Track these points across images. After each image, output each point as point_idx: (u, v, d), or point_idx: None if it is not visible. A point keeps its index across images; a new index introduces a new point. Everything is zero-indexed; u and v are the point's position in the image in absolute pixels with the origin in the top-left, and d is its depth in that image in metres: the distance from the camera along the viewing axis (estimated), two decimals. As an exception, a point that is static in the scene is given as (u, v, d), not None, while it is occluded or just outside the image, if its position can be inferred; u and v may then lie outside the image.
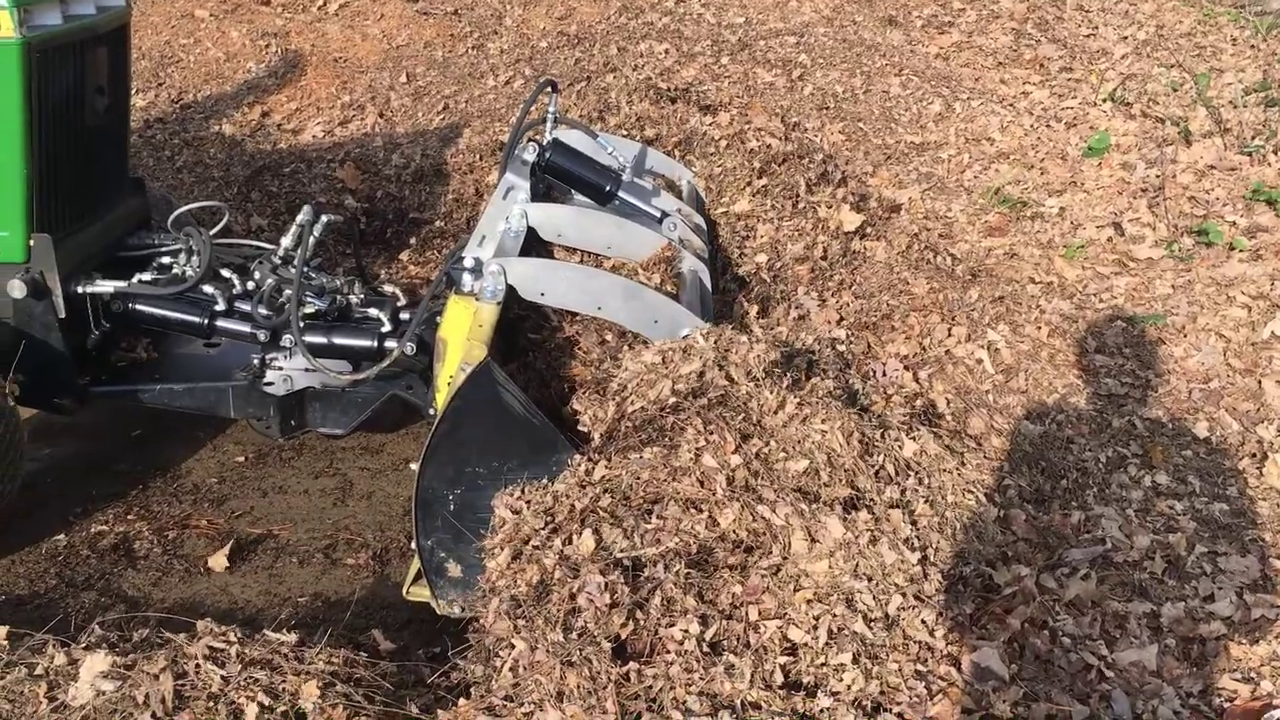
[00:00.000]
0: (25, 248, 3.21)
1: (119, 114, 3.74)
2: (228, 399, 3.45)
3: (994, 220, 4.69)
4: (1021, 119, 5.63)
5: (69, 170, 3.37)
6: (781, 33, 6.44)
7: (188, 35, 7.46)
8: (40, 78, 3.11)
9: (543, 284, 3.17)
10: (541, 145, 3.67)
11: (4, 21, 2.99)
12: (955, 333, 3.81)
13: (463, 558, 2.86)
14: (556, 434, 2.87)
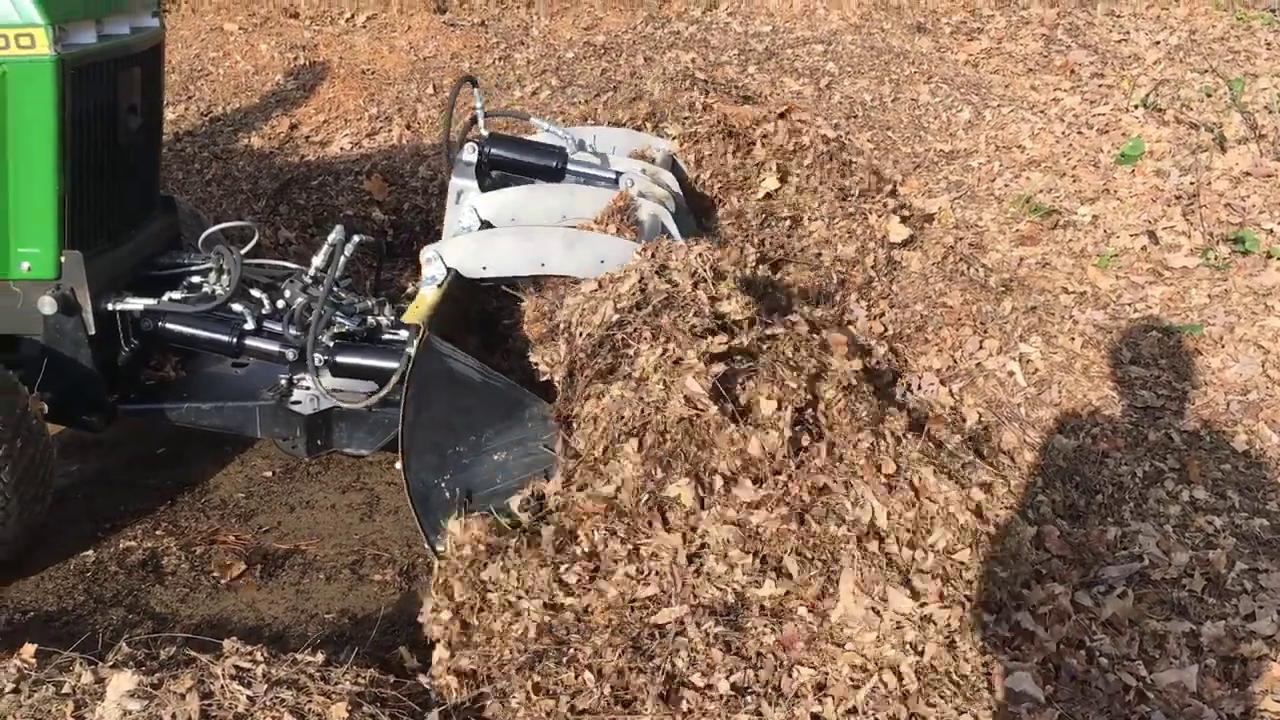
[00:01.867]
0: (57, 264, 3.22)
1: (152, 133, 3.75)
2: (255, 419, 3.45)
3: (1026, 229, 4.64)
4: (1052, 126, 5.57)
5: (101, 188, 3.38)
6: (809, 41, 6.40)
7: (217, 49, 7.51)
8: (74, 96, 3.12)
9: (482, 257, 3.17)
10: (480, 143, 3.67)
11: (39, 39, 3.00)
12: (987, 345, 3.76)
13: None
14: (521, 390, 2.87)
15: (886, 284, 4.17)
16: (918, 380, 3.62)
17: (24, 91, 3.04)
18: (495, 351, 3.30)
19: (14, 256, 3.20)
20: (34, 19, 2.98)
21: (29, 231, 3.18)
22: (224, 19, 7.82)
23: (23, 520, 3.07)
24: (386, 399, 3.19)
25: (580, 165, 3.76)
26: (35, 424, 3.10)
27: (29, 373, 3.25)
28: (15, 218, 3.16)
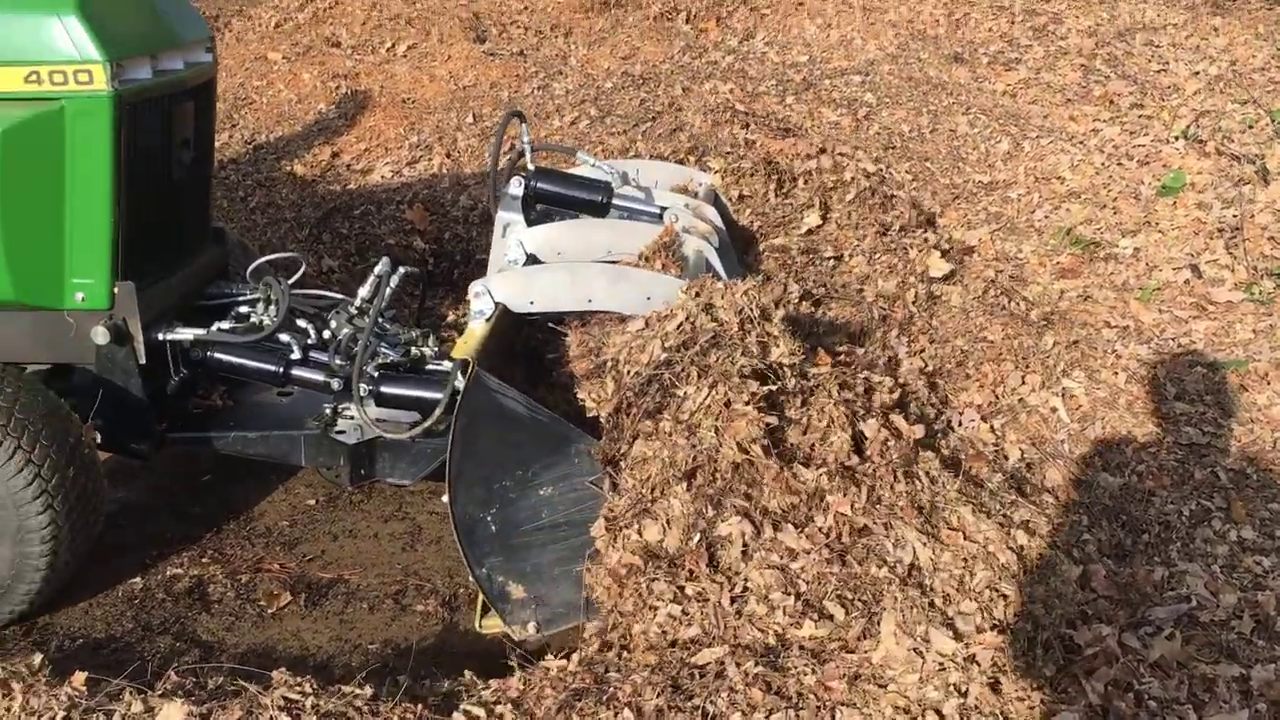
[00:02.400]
0: (110, 295, 3.28)
1: (203, 166, 3.82)
2: (300, 448, 3.49)
3: (1066, 262, 4.62)
4: (1092, 157, 5.55)
5: (153, 220, 3.44)
6: (846, 71, 6.42)
7: (261, 77, 7.63)
8: (130, 130, 3.19)
9: (529, 292, 3.21)
10: (525, 177, 3.70)
11: (97, 75, 3.07)
12: (1029, 380, 3.75)
13: (522, 575, 2.86)
14: (567, 425, 2.90)
15: (926, 319, 4.17)
16: (959, 417, 3.61)
17: (82, 126, 3.10)
18: (539, 385, 3.33)
19: (69, 287, 3.27)
20: (92, 55, 3.04)
21: (83, 262, 3.24)
22: (268, 48, 7.95)
23: (73, 548, 3.11)
24: (430, 430, 3.21)
25: (625, 200, 3.80)
26: (88, 453, 3.15)
27: (80, 401, 3.31)
28: (70, 249, 3.22)
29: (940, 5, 7.41)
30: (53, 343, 3.34)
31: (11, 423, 2.97)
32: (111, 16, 3.16)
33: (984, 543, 2.80)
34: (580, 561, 2.83)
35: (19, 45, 3.06)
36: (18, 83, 3.07)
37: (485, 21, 8.02)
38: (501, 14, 8.13)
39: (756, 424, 2.76)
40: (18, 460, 2.95)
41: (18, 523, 2.99)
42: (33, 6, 3.07)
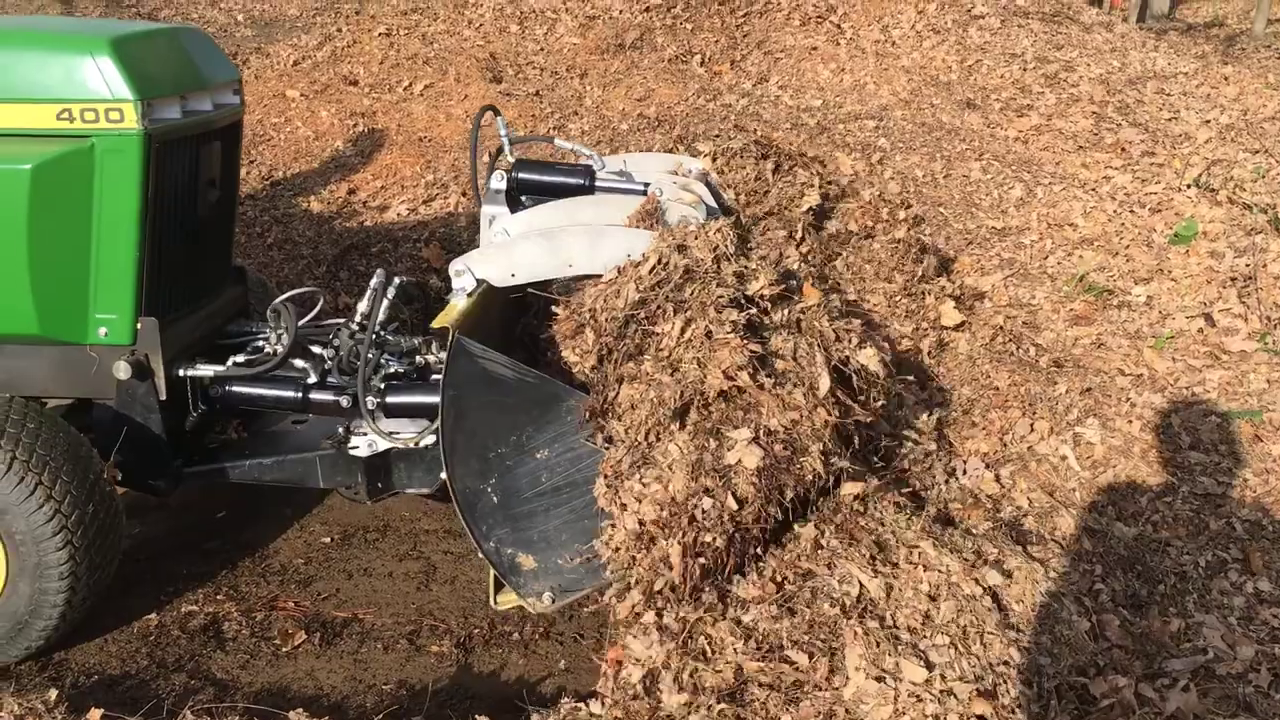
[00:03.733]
0: (133, 331, 3.31)
1: (227, 206, 3.87)
2: (315, 468, 3.50)
3: (1080, 308, 4.64)
4: (1104, 204, 5.59)
5: (178, 257, 3.49)
6: (860, 116, 6.48)
7: (279, 114, 7.71)
8: (158, 169, 3.24)
9: (509, 264, 3.17)
10: (507, 171, 3.72)
11: (128, 113, 3.12)
12: (1038, 428, 3.75)
13: (530, 545, 2.85)
14: (555, 383, 2.88)
15: (934, 364, 4.18)
16: (963, 465, 3.61)
17: (111, 164, 3.15)
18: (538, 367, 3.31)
19: (92, 322, 3.30)
20: (124, 94, 3.10)
21: (108, 298, 3.28)
22: (286, 85, 8.03)
23: (91, 585, 3.13)
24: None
25: (609, 181, 3.76)
26: (108, 490, 3.17)
27: (99, 435, 3.33)
28: (96, 284, 3.26)
29: (953, 52, 7.49)
30: (74, 377, 3.37)
31: (34, 459, 2.99)
32: (143, 57, 3.22)
33: (946, 573, 2.82)
34: (586, 522, 2.81)
35: (52, 83, 3.11)
36: (50, 120, 3.12)
37: (501, 62, 8.10)
38: (518, 55, 8.22)
39: (740, 351, 2.73)
40: (39, 496, 2.98)
41: (37, 559, 3.01)
42: (67, 46, 3.14)
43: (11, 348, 3.32)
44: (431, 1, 9.44)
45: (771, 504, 2.75)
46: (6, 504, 2.98)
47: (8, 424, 3.03)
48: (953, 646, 2.69)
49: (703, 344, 2.76)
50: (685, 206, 3.49)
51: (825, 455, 2.83)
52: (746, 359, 2.75)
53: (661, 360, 2.79)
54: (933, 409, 3.87)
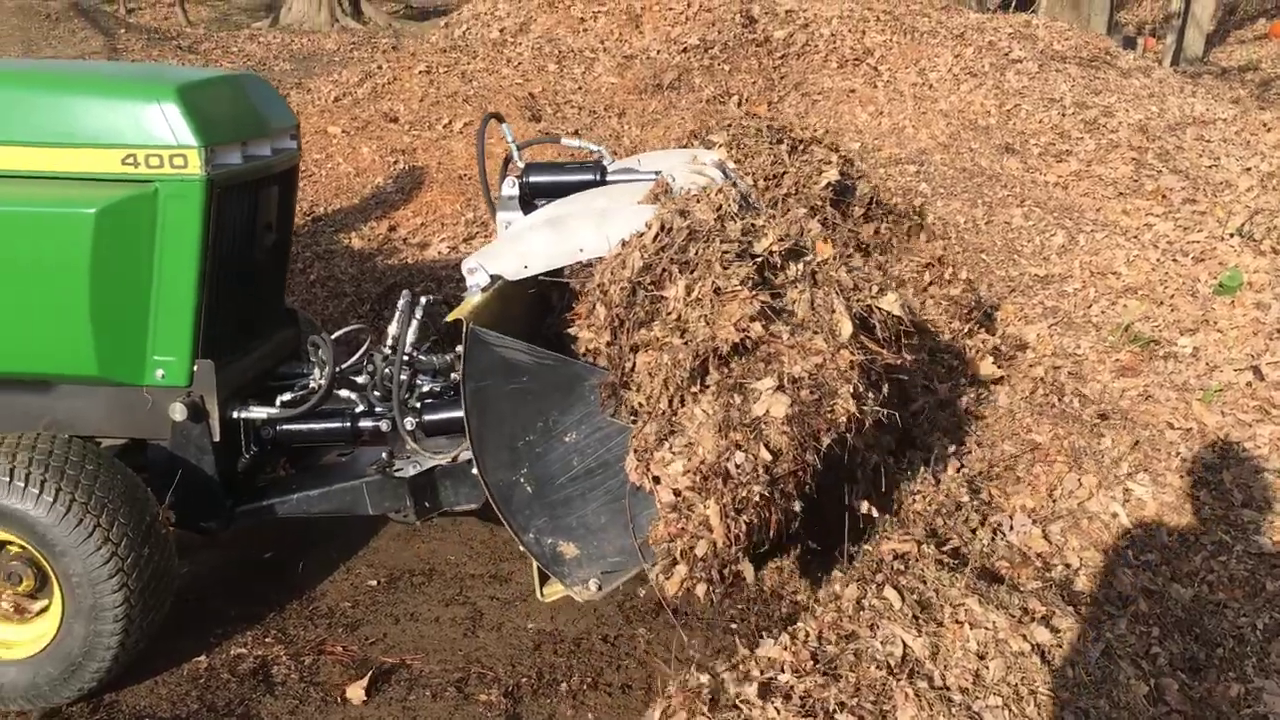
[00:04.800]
0: (189, 373, 3.35)
1: (282, 249, 3.91)
2: (363, 495, 3.52)
3: (1125, 359, 4.62)
4: (1147, 252, 5.56)
5: (234, 300, 3.53)
6: (901, 160, 6.50)
7: (320, 151, 7.79)
8: (218, 214, 3.29)
9: (521, 256, 3.15)
10: (517, 176, 3.73)
11: (192, 159, 3.17)
12: (1085, 483, 3.73)
13: (570, 532, 2.83)
14: (575, 363, 2.85)
15: (971, 420, 4.16)
16: (1009, 521, 3.59)
17: (174, 209, 3.20)
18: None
19: (150, 364, 3.34)
20: (189, 141, 3.15)
21: (166, 340, 3.32)
22: (327, 122, 8.13)
23: (144, 627, 3.15)
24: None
25: (619, 173, 3.76)
26: (163, 533, 3.20)
27: (153, 476, 3.37)
28: (154, 327, 3.30)
29: (991, 96, 7.51)
30: (130, 418, 3.41)
31: (92, 501, 3.02)
32: (207, 104, 3.27)
33: (994, 630, 2.79)
34: (623, 502, 2.77)
35: (119, 129, 3.17)
36: (115, 165, 3.18)
37: (540, 101, 8.17)
38: (556, 94, 8.29)
39: (749, 302, 2.69)
40: (96, 539, 3.01)
41: (93, 600, 3.03)
42: (135, 93, 3.19)
43: (69, 388, 3.36)
44: (471, 40, 9.56)
45: (807, 452, 2.68)
46: (65, 545, 3.01)
47: (67, 465, 3.06)
48: (1006, 708, 2.68)
49: (711, 301, 2.72)
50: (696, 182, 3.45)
51: (857, 397, 2.74)
52: (757, 309, 2.70)
53: (670, 324, 2.74)
54: (963, 461, 3.86)
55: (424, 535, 4.14)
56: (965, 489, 3.71)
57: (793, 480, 2.69)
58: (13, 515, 3.02)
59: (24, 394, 3.36)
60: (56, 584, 3.08)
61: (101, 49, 11.41)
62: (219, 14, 17.12)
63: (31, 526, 3.02)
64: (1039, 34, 9.01)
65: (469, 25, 9.97)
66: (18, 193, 3.18)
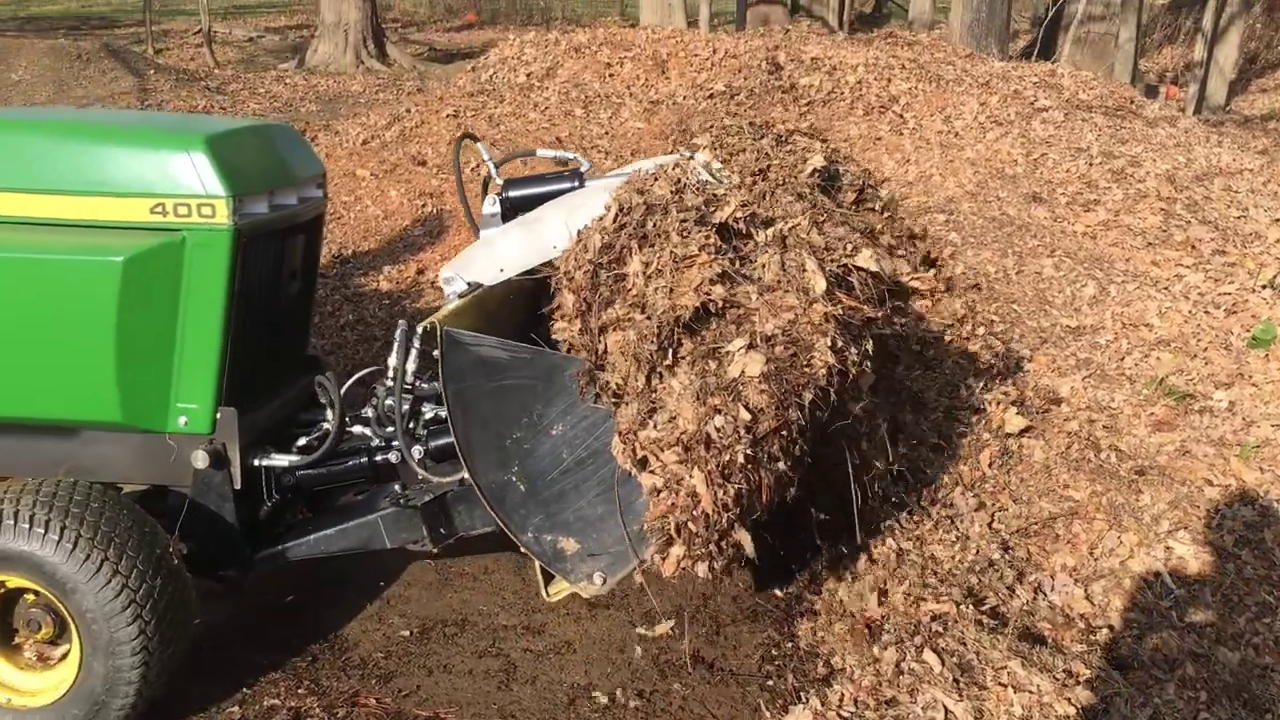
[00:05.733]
0: (212, 420, 3.36)
1: (307, 296, 3.94)
2: (379, 530, 3.51)
3: (1161, 413, 4.59)
4: (1179, 304, 5.54)
5: (258, 348, 3.54)
6: (929, 209, 6.51)
7: (349, 193, 7.86)
8: (244, 262, 3.31)
9: (495, 260, 3.14)
10: (497, 194, 3.73)
11: (219, 209, 3.19)
12: (1126, 541, 3.69)
13: (568, 527, 2.78)
14: (551, 354, 2.83)
15: (1002, 473, 4.13)
16: (1049, 580, 3.56)
17: (200, 257, 3.22)
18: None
19: (173, 411, 3.34)
20: (217, 191, 3.17)
21: (190, 387, 3.33)
22: (356, 165, 8.20)
23: (164, 660, 3.13)
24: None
25: (596, 178, 3.74)
26: (175, 564, 3.20)
27: (171, 523, 3.36)
28: (179, 374, 3.31)
29: (1018, 144, 7.53)
30: (152, 464, 3.41)
31: (97, 535, 3.04)
32: (236, 155, 3.30)
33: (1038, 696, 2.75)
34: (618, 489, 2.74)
35: (148, 178, 3.20)
36: (143, 214, 3.20)
37: (567, 145, 8.23)
38: (583, 138, 8.35)
39: (708, 265, 2.65)
40: (105, 572, 3.01)
41: (109, 635, 3.03)
42: (164, 143, 3.22)
43: (93, 433, 3.37)
44: (497, 84, 9.65)
45: (790, 409, 2.62)
46: (75, 582, 3.02)
47: (70, 504, 3.08)
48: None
49: (671, 270, 2.69)
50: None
51: (835, 350, 2.69)
52: (718, 272, 2.66)
53: (630, 300, 2.71)
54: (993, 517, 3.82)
55: (455, 585, 4.12)
56: (996, 546, 3.69)
57: (778, 440, 2.64)
58: (20, 558, 3.04)
59: (48, 439, 3.37)
60: (73, 624, 3.08)
61: (131, 89, 11.55)
62: (246, 55, 17.33)
63: (39, 566, 3.03)
64: (1064, 83, 9.05)
65: (495, 69, 10.08)
66: (47, 240, 3.21)
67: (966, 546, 3.58)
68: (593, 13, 24.72)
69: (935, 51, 9.83)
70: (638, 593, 3.98)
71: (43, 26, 18.63)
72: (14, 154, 3.24)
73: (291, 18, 22.55)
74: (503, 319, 3.24)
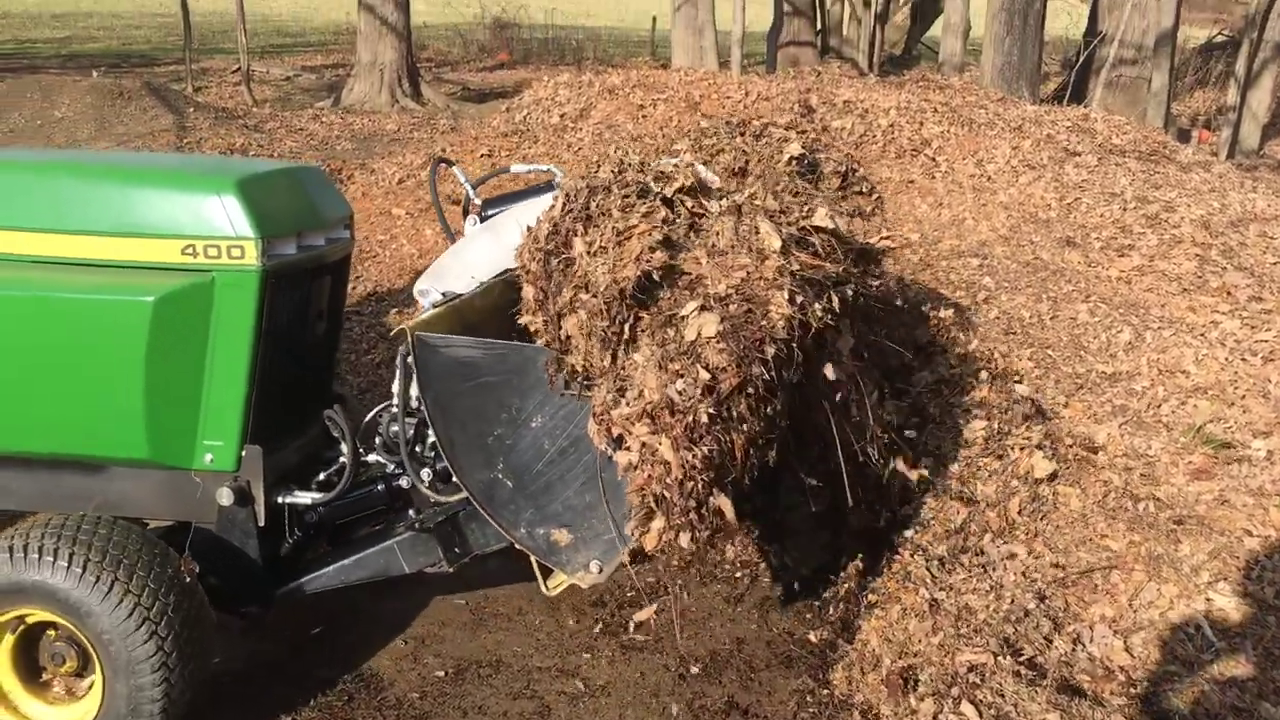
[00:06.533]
0: (238, 458, 3.41)
1: (332, 335, 4.01)
2: (397, 555, 3.55)
3: (1199, 462, 4.55)
4: (1215, 351, 5.51)
5: (283, 387, 3.60)
6: (963, 253, 6.51)
7: (385, 232, 7.95)
8: (272, 303, 3.37)
9: (466, 268, 3.19)
10: (477, 214, 3.75)
11: (249, 251, 3.25)
12: (1165, 592, 3.66)
13: (559, 518, 2.79)
14: (522, 347, 2.86)
15: (1034, 520, 4.11)
16: (1088, 631, 3.52)
17: (229, 297, 3.28)
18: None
19: (199, 448, 3.40)
20: (247, 233, 3.24)
21: (216, 425, 3.38)
22: (392, 203, 8.30)
23: (185, 676, 3.17)
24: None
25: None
26: (188, 581, 3.25)
27: (196, 558, 3.41)
28: (205, 412, 3.37)
29: (1051, 189, 7.53)
30: (178, 501, 3.47)
31: (106, 559, 3.09)
32: (265, 197, 3.37)
33: None
34: (603, 475, 2.74)
35: (179, 220, 3.26)
36: (174, 254, 3.26)
37: (601, 186, 8.29)
38: (616, 179, 8.41)
39: (647, 234, 2.66)
40: (116, 593, 3.06)
41: (127, 655, 3.08)
42: (196, 185, 3.29)
43: (120, 469, 3.43)
44: (532, 124, 9.75)
45: (753, 365, 2.61)
46: (89, 606, 3.07)
47: (78, 532, 3.14)
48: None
49: (613, 245, 2.70)
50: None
51: (795, 301, 2.67)
52: (658, 239, 2.68)
53: (577, 281, 2.73)
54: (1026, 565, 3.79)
55: (489, 625, 4.13)
56: (1032, 595, 3.66)
57: (744, 399, 2.63)
58: (33, 588, 3.10)
59: (76, 474, 3.43)
60: (92, 650, 3.13)
61: (171, 127, 11.75)
62: (282, 93, 17.60)
63: (52, 594, 3.09)
64: (1097, 127, 9.05)
65: (529, 110, 10.18)
66: (79, 280, 3.28)
67: (1001, 595, 3.56)
68: (624, 53, 24.97)
69: (967, 95, 9.87)
70: (671, 637, 3.97)
71: (83, 64, 18.99)
72: (48, 196, 3.32)
73: (327, 56, 22.90)
74: (484, 328, 3.27)
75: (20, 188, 3.35)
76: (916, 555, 3.86)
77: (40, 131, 11.54)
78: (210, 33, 24.41)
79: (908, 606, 3.61)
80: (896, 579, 3.77)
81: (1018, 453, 4.31)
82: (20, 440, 3.37)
